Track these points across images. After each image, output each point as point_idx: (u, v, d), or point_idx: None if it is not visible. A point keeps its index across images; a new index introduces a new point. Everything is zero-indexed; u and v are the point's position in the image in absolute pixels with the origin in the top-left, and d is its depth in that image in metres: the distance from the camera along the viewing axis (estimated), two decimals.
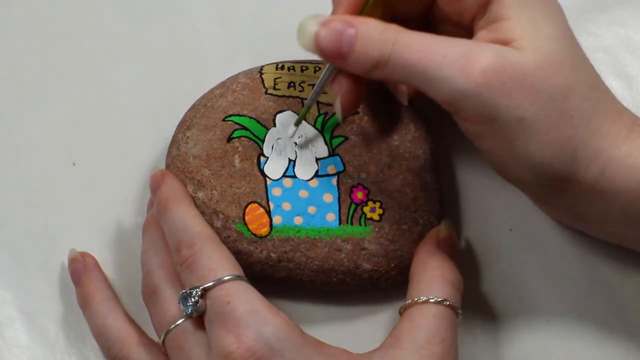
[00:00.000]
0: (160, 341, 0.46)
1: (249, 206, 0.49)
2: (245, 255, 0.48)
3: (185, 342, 0.45)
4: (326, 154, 0.50)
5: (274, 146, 0.50)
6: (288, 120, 0.50)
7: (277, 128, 0.50)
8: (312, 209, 0.49)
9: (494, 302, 0.52)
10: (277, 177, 0.50)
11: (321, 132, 0.51)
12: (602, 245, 0.51)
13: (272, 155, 0.50)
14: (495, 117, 0.43)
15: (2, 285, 0.52)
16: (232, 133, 0.50)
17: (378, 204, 0.50)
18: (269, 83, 0.51)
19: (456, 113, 0.45)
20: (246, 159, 0.50)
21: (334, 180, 0.50)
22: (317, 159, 0.50)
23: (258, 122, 0.50)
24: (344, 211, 0.49)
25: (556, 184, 0.45)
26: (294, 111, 0.51)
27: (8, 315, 0.51)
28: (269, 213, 0.49)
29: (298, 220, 0.49)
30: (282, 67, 0.52)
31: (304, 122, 0.51)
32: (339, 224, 0.49)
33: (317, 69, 0.52)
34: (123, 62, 0.56)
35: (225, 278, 0.44)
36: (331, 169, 0.50)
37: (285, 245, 0.49)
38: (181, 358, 0.45)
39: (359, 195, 0.50)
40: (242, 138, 0.50)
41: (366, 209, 0.50)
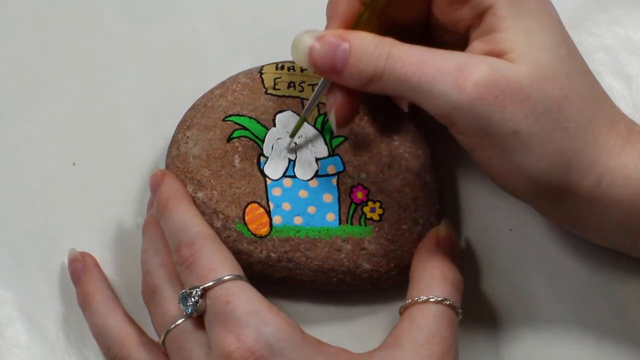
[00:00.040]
0: (160, 341, 0.46)
1: (249, 206, 0.49)
2: (245, 255, 0.48)
3: (185, 342, 0.45)
4: (326, 154, 0.50)
5: (274, 146, 0.50)
6: (288, 120, 0.50)
7: (277, 128, 0.50)
8: (312, 209, 0.49)
9: (494, 302, 0.52)
10: (277, 177, 0.50)
11: (321, 132, 0.51)
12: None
13: (272, 155, 0.50)
14: (489, 131, 0.43)
15: (2, 285, 0.52)
16: (232, 133, 0.50)
17: (378, 204, 0.50)
18: (269, 83, 0.51)
19: (451, 126, 0.45)
20: (246, 159, 0.50)
21: (334, 180, 0.50)
22: (317, 159, 0.50)
23: (258, 122, 0.50)
24: (344, 211, 0.49)
25: (552, 195, 0.45)
26: (294, 111, 0.51)
27: (8, 315, 0.51)
28: (269, 213, 0.49)
29: (298, 220, 0.49)
30: (282, 67, 0.52)
31: (304, 122, 0.51)
32: (339, 224, 0.49)
33: None
34: (123, 62, 0.56)
35: (225, 278, 0.44)
36: (331, 169, 0.50)
37: (285, 245, 0.49)
38: (181, 358, 0.45)
39: (359, 195, 0.50)
40: (242, 138, 0.50)
41: (366, 209, 0.50)
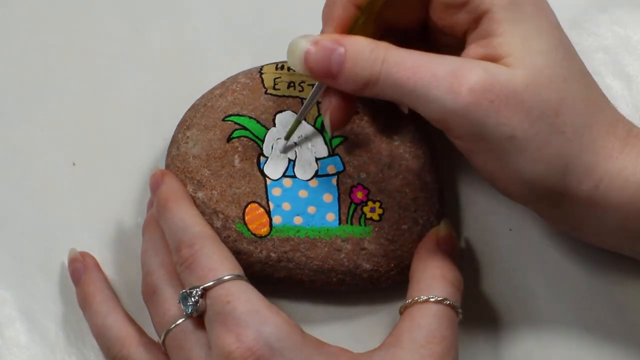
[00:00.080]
0: (160, 341, 0.46)
1: (249, 206, 0.49)
2: (245, 255, 0.48)
3: (185, 342, 0.45)
4: (326, 154, 0.50)
5: (274, 146, 0.50)
6: (288, 120, 0.50)
7: (277, 128, 0.50)
8: (312, 209, 0.49)
9: (494, 302, 0.52)
10: (277, 177, 0.50)
11: (321, 132, 0.51)
12: None
13: (272, 155, 0.50)
14: (484, 136, 0.43)
15: (2, 285, 0.52)
16: (232, 133, 0.50)
17: (378, 204, 0.50)
18: (269, 83, 0.51)
19: (447, 131, 0.45)
20: (246, 159, 0.50)
21: (334, 180, 0.50)
22: (317, 159, 0.50)
23: (258, 122, 0.50)
24: (344, 211, 0.49)
25: (550, 198, 0.45)
26: (294, 111, 0.51)
27: (8, 315, 0.51)
28: (269, 213, 0.49)
29: (298, 220, 0.49)
30: (282, 67, 0.52)
31: (304, 122, 0.51)
32: (339, 224, 0.49)
33: None
34: (123, 62, 0.56)
35: (225, 278, 0.44)
36: (331, 169, 0.50)
37: (285, 245, 0.49)
38: (181, 358, 0.45)
39: (359, 195, 0.50)
40: (242, 138, 0.50)
41: (366, 209, 0.50)
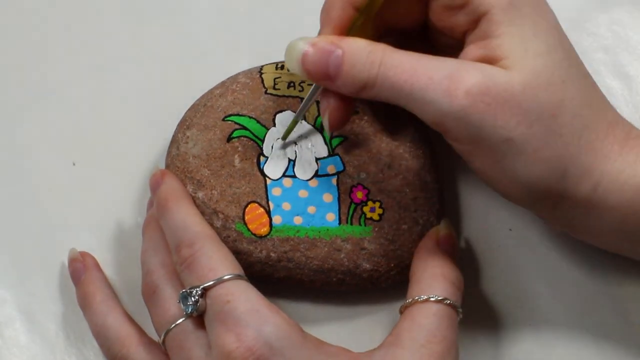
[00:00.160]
0: (160, 340, 0.46)
1: (249, 206, 0.49)
2: (245, 255, 0.48)
3: (185, 342, 0.45)
4: (326, 154, 0.50)
5: (274, 146, 0.50)
6: (288, 120, 0.50)
7: (277, 128, 0.50)
8: (312, 209, 0.49)
9: (494, 302, 0.52)
10: (277, 177, 0.50)
11: (321, 132, 0.51)
12: None
13: (272, 155, 0.50)
14: (482, 138, 0.43)
15: (2, 285, 0.52)
16: (232, 133, 0.50)
17: (378, 204, 0.50)
18: (269, 83, 0.51)
19: (444, 133, 0.45)
20: (246, 159, 0.50)
21: (334, 180, 0.50)
22: (317, 159, 0.50)
23: (258, 122, 0.50)
24: (344, 211, 0.49)
25: (549, 200, 0.45)
26: (294, 111, 0.51)
27: (8, 315, 0.51)
28: (269, 213, 0.49)
29: (298, 220, 0.49)
30: (282, 67, 0.52)
31: (304, 122, 0.51)
32: (339, 224, 0.49)
33: None
34: (123, 62, 0.56)
35: (225, 277, 0.44)
36: (331, 169, 0.50)
37: (285, 245, 0.49)
38: (181, 357, 0.45)
39: (359, 195, 0.50)
40: (242, 138, 0.50)
41: (366, 209, 0.49)
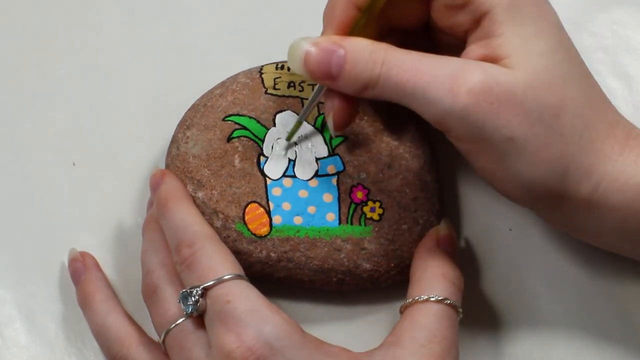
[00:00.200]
0: (160, 340, 0.46)
1: (249, 206, 0.49)
2: (245, 255, 0.48)
3: (185, 342, 0.45)
4: (326, 154, 0.50)
5: (274, 146, 0.50)
6: (288, 120, 0.50)
7: (277, 128, 0.50)
8: (312, 209, 0.49)
9: (494, 302, 0.52)
10: (277, 177, 0.50)
11: (321, 132, 0.51)
12: None
13: (272, 155, 0.50)
14: (483, 137, 0.43)
15: (2, 285, 0.52)
16: (232, 133, 0.50)
17: (378, 204, 0.50)
18: (269, 83, 0.51)
19: (446, 132, 0.45)
20: (246, 159, 0.50)
21: (334, 180, 0.50)
22: (317, 159, 0.50)
23: (258, 122, 0.50)
24: (344, 211, 0.49)
25: (549, 200, 0.45)
26: (294, 111, 0.51)
27: (8, 315, 0.51)
28: (269, 213, 0.49)
29: (298, 220, 0.49)
30: (282, 67, 0.52)
31: (304, 122, 0.51)
32: (339, 224, 0.49)
33: None
34: (123, 62, 0.56)
35: (225, 277, 0.44)
36: (331, 169, 0.50)
37: (285, 245, 0.49)
38: (181, 357, 0.45)
39: (359, 195, 0.50)
40: (242, 138, 0.50)
41: (366, 209, 0.49)
